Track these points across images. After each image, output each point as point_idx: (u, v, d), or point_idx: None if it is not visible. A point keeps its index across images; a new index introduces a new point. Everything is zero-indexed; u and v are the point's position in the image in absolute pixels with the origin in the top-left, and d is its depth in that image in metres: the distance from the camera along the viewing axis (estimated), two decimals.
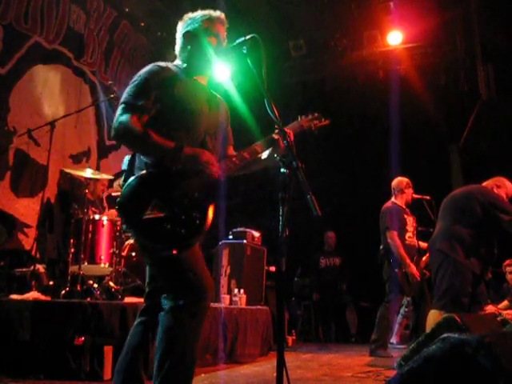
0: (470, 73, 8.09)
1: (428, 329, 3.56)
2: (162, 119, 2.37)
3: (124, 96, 2.37)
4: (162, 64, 2.49)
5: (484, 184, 4.87)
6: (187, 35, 2.56)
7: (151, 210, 2.22)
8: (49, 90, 6.57)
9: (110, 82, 7.09)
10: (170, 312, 2.25)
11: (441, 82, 8.59)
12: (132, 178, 2.33)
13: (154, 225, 2.22)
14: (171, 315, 2.24)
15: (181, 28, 2.62)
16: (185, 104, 2.42)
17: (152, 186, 2.28)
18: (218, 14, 2.59)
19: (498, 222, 4.41)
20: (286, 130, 2.38)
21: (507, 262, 5.70)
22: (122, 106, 2.33)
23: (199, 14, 2.60)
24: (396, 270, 5.83)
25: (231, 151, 2.70)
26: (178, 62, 2.62)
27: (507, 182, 4.85)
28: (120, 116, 2.30)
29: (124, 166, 2.54)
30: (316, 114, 2.70)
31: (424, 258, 6.20)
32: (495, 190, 4.74)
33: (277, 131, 2.43)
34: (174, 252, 2.23)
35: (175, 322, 2.23)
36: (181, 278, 2.28)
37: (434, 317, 4.40)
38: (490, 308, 5.25)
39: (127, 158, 2.50)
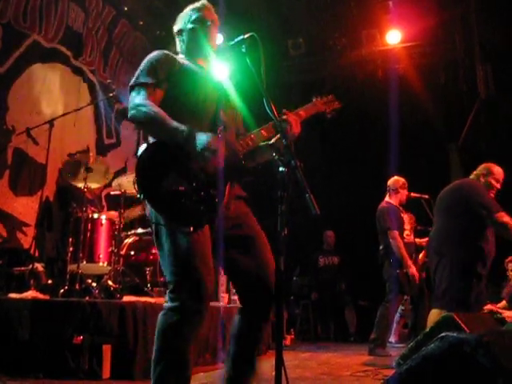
0: (468, 72, 8.11)
1: (428, 328, 3.56)
2: (170, 100, 2.37)
3: (133, 79, 2.38)
4: (167, 51, 2.51)
5: (473, 174, 4.83)
6: (179, 32, 2.67)
7: (170, 182, 2.15)
8: (47, 89, 6.57)
9: (108, 81, 7.09)
10: (165, 313, 2.22)
11: (440, 81, 8.59)
12: (149, 143, 2.28)
13: (173, 199, 2.14)
14: (165, 317, 2.21)
15: (175, 29, 2.72)
16: (192, 86, 2.43)
17: (169, 156, 2.21)
18: (200, 3, 2.69)
19: (482, 219, 4.40)
20: (290, 118, 2.39)
21: (510, 258, 5.68)
22: (133, 88, 2.35)
23: (185, 10, 2.70)
24: (397, 271, 5.83)
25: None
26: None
27: (495, 168, 4.79)
28: (133, 98, 2.31)
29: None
30: (330, 96, 2.67)
31: (420, 256, 6.22)
32: (482, 180, 4.71)
33: (283, 117, 2.40)
34: (191, 229, 2.14)
35: (168, 324, 2.19)
36: (182, 275, 2.19)
37: (434, 316, 4.39)
38: (488, 307, 5.26)
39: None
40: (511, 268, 5.66)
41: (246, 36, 2.37)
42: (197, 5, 2.68)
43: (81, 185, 5.21)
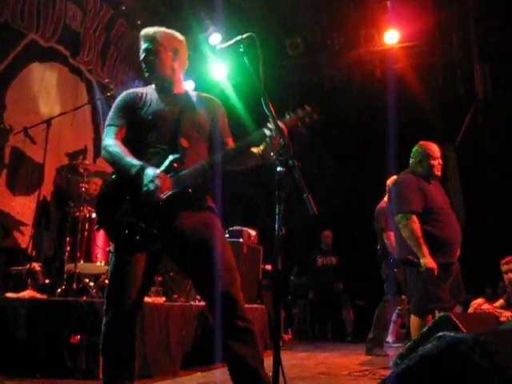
0: (466, 72, 8.11)
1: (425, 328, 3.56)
2: (131, 132, 2.68)
3: (106, 121, 2.72)
4: (130, 91, 2.76)
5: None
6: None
7: (119, 214, 2.49)
8: (45, 88, 6.56)
9: (106, 80, 7.09)
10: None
11: (437, 81, 8.59)
12: (107, 181, 2.72)
13: (117, 229, 2.50)
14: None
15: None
16: (145, 119, 2.64)
17: (123, 190, 2.53)
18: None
19: None
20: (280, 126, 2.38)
21: (504, 260, 5.67)
22: (105, 128, 2.69)
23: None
24: (395, 270, 5.84)
25: (231, 143, 2.76)
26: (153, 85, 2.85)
27: (430, 148, 4.69)
28: (104, 138, 2.64)
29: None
30: (307, 109, 2.56)
31: None
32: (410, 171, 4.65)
33: (270, 126, 2.40)
34: (120, 252, 2.54)
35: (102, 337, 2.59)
36: (109, 285, 2.62)
37: (413, 322, 4.39)
38: (485, 307, 5.26)
39: None
40: (505, 270, 5.64)
41: (244, 36, 2.37)
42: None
43: (78, 184, 5.21)
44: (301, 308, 9.22)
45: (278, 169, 2.13)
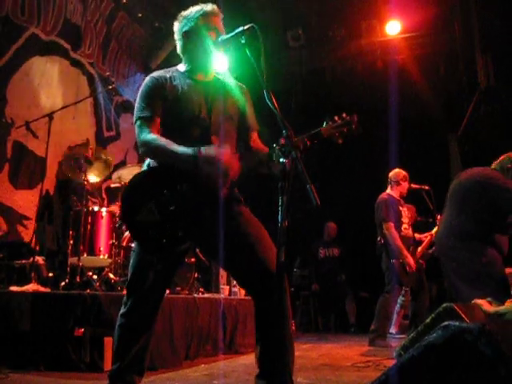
0: (468, 62, 8.08)
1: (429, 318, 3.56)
2: (164, 124, 2.52)
3: (135, 113, 2.55)
4: (156, 74, 2.60)
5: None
6: (186, 35, 2.62)
7: (144, 213, 2.35)
8: (46, 82, 6.55)
9: (107, 73, 7.07)
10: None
11: (440, 71, 8.56)
12: (131, 179, 2.50)
13: (141, 228, 2.37)
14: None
15: (177, 29, 2.67)
16: (178, 108, 2.51)
17: (152, 186, 2.41)
18: (211, 7, 2.65)
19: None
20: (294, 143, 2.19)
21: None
22: (136, 122, 2.52)
23: (193, 11, 2.65)
24: (393, 261, 5.86)
25: (255, 138, 2.71)
26: (180, 66, 2.70)
27: None
28: (140, 134, 2.47)
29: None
30: (346, 118, 2.41)
31: (419, 249, 6.23)
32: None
33: (280, 144, 2.22)
34: (154, 259, 2.46)
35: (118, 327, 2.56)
36: (129, 281, 2.56)
37: None
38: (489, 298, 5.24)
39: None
40: None
41: (245, 27, 2.35)
42: (208, 9, 2.63)
43: (81, 177, 5.21)
44: (304, 300, 9.24)
45: (281, 160, 2.12)
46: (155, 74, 2.62)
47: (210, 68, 2.66)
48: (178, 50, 2.70)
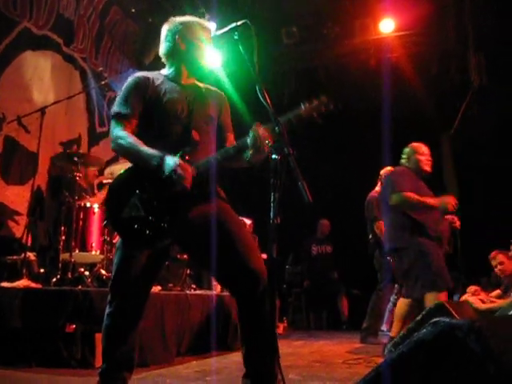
0: (461, 60, 8.10)
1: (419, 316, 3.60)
2: (143, 123, 2.57)
3: (113, 107, 2.61)
4: (140, 75, 2.67)
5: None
6: (179, 40, 2.66)
7: (128, 209, 2.42)
8: (38, 77, 6.51)
9: (100, 69, 7.05)
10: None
11: (433, 70, 8.57)
12: (115, 178, 2.63)
13: (127, 223, 2.42)
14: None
15: (169, 31, 2.70)
16: (161, 107, 2.56)
17: (131, 185, 2.47)
18: (207, 24, 2.73)
19: None
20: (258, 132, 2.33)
21: (491, 255, 5.69)
22: (112, 118, 2.58)
23: (189, 19, 2.71)
24: (388, 258, 5.87)
25: (231, 139, 2.75)
26: (163, 70, 2.76)
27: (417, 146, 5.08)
28: (113, 129, 2.54)
29: None
30: (323, 99, 2.48)
31: None
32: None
33: (256, 128, 2.34)
34: (128, 248, 2.48)
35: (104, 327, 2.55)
36: (113, 279, 2.54)
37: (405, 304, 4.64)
38: (481, 297, 5.28)
39: None
40: (494, 264, 5.66)
41: (238, 23, 2.35)
42: (201, 22, 2.71)
43: (73, 172, 5.19)
44: (296, 296, 9.25)
45: (273, 156, 2.12)
46: (139, 74, 2.68)
47: (193, 75, 2.73)
48: (163, 51, 2.73)
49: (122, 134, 2.49)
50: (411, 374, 1.40)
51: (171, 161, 2.35)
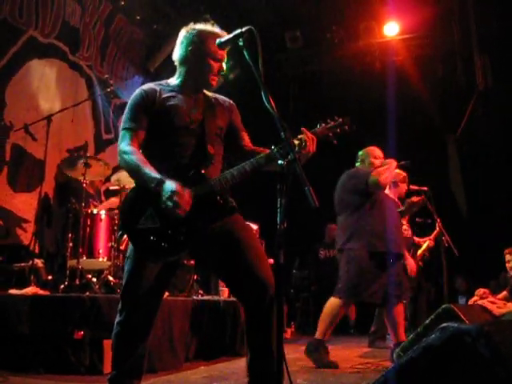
0: (466, 63, 8.09)
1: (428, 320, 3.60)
2: (153, 136, 2.55)
3: (121, 122, 2.60)
4: (147, 87, 2.63)
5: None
6: (187, 52, 2.62)
7: (144, 220, 2.38)
8: (45, 85, 6.55)
9: (106, 76, 7.07)
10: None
11: (438, 72, 8.58)
12: (132, 187, 2.58)
13: (142, 235, 2.38)
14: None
15: (185, 38, 2.66)
16: (167, 121, 2.53)
17: (148, 196, 2.39)
18: (220, 34, 2.59)
19: None
20: (307, 136, 2.38)
21: (508, 250, 5.65)
22: (121, 132, 2.56)
23: (202, 31, 2.64)
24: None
25: (246, 137, 2.76)
26: (171, 79, 2.71)
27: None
28: (120, 143, 2.52)
29: None
30: (338, 120, 2.53)
31: (419, 252, 6.22)
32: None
33: (300, 136, 2.38)
34: (143, 259, 2.45)
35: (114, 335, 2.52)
36: (124, 288, 2.52)
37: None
38: (489, 299, 5.25)
39: None
40: (508, 259, 5.63)
41: (243, 29, 2.35)
42: (222, 39, 2.50)
43: (80, 179, 5.20)
44: (303, 301, 9.22)
45: (279, 162, 2.12)
46: (145, 86, 2.65)
47: (202, 87, 2.70)
48: (176, 57, 2.69)
49: (127, 148, 2.47)
50: (420, 379, 1.40)
51: (169, 187, 2.32)
